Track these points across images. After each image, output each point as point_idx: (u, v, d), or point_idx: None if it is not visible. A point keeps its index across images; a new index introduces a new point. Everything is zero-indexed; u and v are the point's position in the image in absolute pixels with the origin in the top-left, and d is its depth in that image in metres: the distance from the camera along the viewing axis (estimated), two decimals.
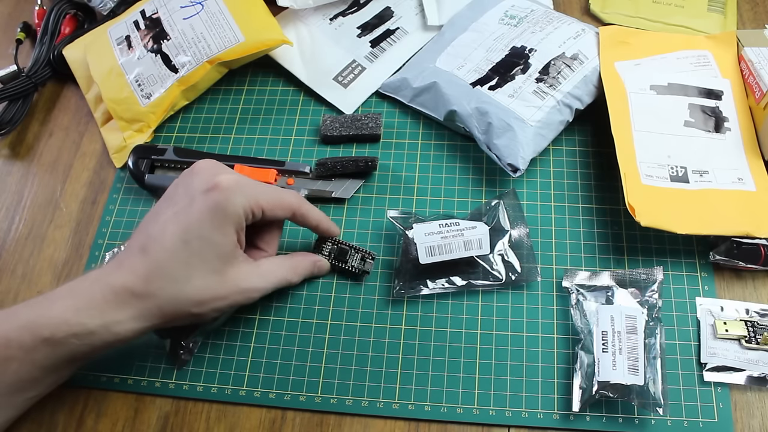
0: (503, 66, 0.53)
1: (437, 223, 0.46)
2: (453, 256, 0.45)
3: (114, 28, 0.58)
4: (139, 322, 0.39)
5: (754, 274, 0.47)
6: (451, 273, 0.47)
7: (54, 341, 0.37)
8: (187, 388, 0.46)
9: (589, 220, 0.49)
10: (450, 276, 0.47)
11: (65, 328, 0.37)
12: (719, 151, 0.49)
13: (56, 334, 0.37)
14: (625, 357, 0.41)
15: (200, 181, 0.40)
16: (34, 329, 0.37)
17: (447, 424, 0.43)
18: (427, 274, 0.47)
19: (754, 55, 0.51)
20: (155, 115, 0.56)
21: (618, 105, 0.50)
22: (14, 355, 0.37)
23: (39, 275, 0.52)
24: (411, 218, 0.48)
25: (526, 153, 0.49)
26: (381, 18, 0.61)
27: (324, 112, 0.57)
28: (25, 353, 0.37)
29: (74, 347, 0.38)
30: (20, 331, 0.37)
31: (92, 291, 0.38)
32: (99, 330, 0.38)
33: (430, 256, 0.45)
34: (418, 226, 0.46)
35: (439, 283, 0.46)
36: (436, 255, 0.45)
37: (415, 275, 0.47)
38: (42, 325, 0.37)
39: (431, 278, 0.47)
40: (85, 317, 0.37)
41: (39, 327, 0.37)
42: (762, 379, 0.42)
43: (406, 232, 0.47)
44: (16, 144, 0.59)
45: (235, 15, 0.56)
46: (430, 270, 0.46)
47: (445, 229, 0.46)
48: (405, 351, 0.46)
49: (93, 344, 0.38)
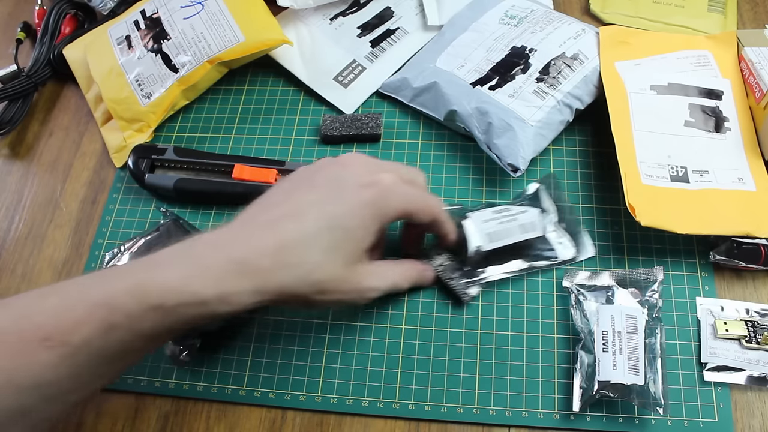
0: (503, 66, 0.53)
1: (490, 211, 0.47)
2: (511, 240, 0.46)
3: (114, 27, 0.58)
4: (255, 297, 0.36)
5: (754, 274, 0.47)
6: (511, 258, 0.47)
7: (163, 309, 0.34)
8: (187, 387, 0.45)
9: (589, 219, 0.49)
10: (510, 260, 0.47)
11: (175, 295, 0.34)
12: (719, 151, 0.49)
13: (166, 302, 0.34)
14: (625, 357, 0.41)
15: (356, 174, 0.39)
16: (142, 295, 0.33)
17: (447, 423, 0.43)
18: (488, 261, 0.47)
19: (754, 55, 0.51)
20: (155, 115, 0.56)
21: (618, 105, 0.50)
22: (119, 323, 0.33)
23: (39, 275, 0.52)
24: (460, 208, 0.48)
25: (526, 153, 0.49)
26: (381, 18, 0.61)
27: (324, 112, 0.57)
28: (130, 321, 0.33)
29: (182, 317, 0.35)
30: (126, 297, 0.33)
31: (208, 259, 0.36)
32: (212, 300, 0.35)
33: (491, 243, 0.45)
34: (474, 214, 0.47)
35: (501, 268, 0.47)
36: (495, 241, 0.46)
37: (476, 263, 0.47)
38: (150, 291, 0.34)
39: (493, 264, 0.47)
40: (198, 286, 0.34)
41: (147, 293, 0.34)
42: (762, 379, 0.42)
43: (462, 222, 0.47)
44: (16, 144, 0.59)
45: (235, 15, 0.56)
46: (490, 257, 0.47)
47: (499, 215, 0.46)
48: (405, 351, 0.46)
49: (202, 315, 0.35)
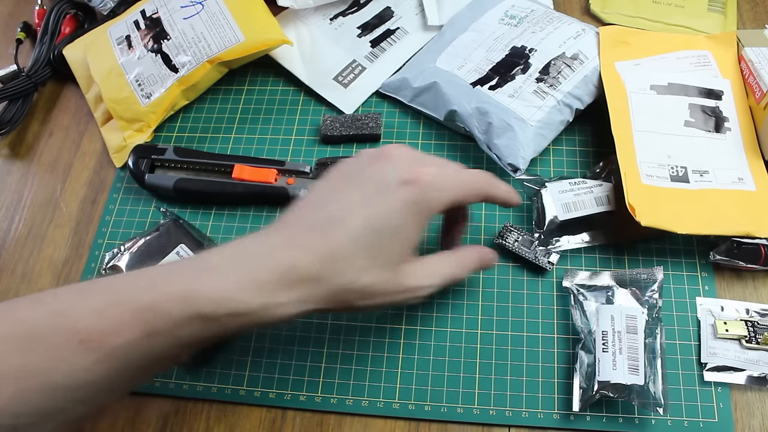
0: (503, 66, 0.53)
1: (567, 182, 0.48)
2: (587, 211, 0.46)
3: (114, 27, 0.58)
4: (302, 306, 0.34)
5: (754, 274, 0.47)
6: (586, 229, 0.48)
7: (208, 318, 0.32)
8: (187, 387, 0.45)
9: None
10: (586, 231, 0.48)
11: (223, 304, 0.32)
12: (719, 151, 0.49)
13: (212, 311, 0.32)
14: (625, 357, 0.41)
15: (397, 170, 0.37)
16: (187, 302, 0.32)
17: (447, 423, 0.43)
18: (562, 231, 0.47)
19: (754, 55, 0.51)
20: (155, 115, 0.56)
21: (618, 105, 0.50)
22: (162, 329, 0.31)
23: (39, 275, 0.52)
24: (538, 178, 0.49)
25: (526, 153, 0.49)
26: (381, 18, 0.61)
27: (324, 111, 0.57)
28: (173, 327, 0.32)
29: (224, 326, 0.33)
30: (172, 303, 0.32)
31: (256, 266, 0.34)
32: (258, 310, 0.33)
33: (568, 213, 0.46)
34: (552, 184, 0.47)
35: (574, 239, 0.48)
36: (572, 211, 0.46)
37: (550, 232, 0.47)
38: (197, 298, 0.32)
39: (567, 234, 0.47)
40: (246, 296, 0.33)
41: (193, 300, 0.32)
42: (762, 378, 0.42)
43: (540, 191, 0.47)
44: (16, 144, 0.59)
45: (235, 15, 0.56)
46: (565, 227, 0.47)
47: (576, 186, 0.47)
48: (405, 351, 0.46)
49: (245, 324, 0.33)
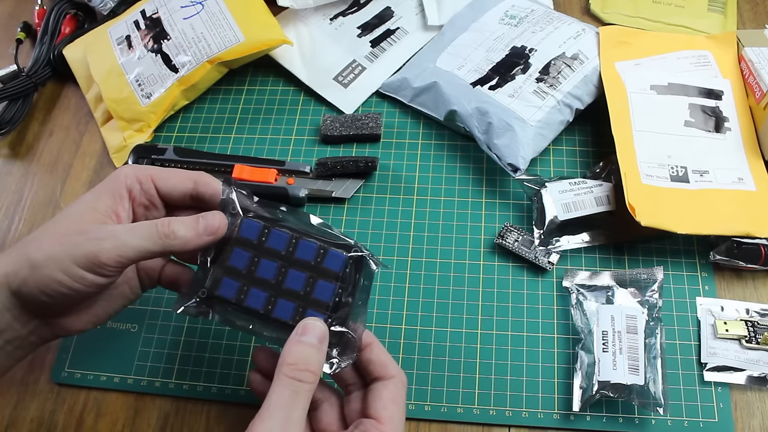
0: (503, 66, 0.53)
1: (567, 182, 0.47)
2: (587, 211, 0.46)
3: (114, 27, 0.58)
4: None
5: (754, 274, 0.47)
6: (586, 229, 0.48)
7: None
8: (187, 387, 0.45)
9: None
10: (585, 231, 0.48)
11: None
12: (719, 151, 0.49)
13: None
14: (625, 357, 0.41)
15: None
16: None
17: (447, 423, 0.43)
18: (561, 231, 0.47)
19: (754, 55, 0.51)
20: (155, 115, 0.56)
21: (618, 105, 0.50)
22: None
23: None
24: (538, 177, 0.49)
25: (526, 153, 0.49)
26: (381, 18, 0.61)
27: (324, 112, 0.57)
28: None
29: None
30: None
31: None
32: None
33: (568, 212, 0.46)
34: (552, 184, 0.47)
35: (574, 239, 0.47)
36: (572, 211, 0.46)
37: (550, 232, 0.47)
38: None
39: (566, 234, 0.47)
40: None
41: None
42: (762, 378, 0.42)
43: (540, 190, 0.47)
44: (16, 144, 0.59)
45: (235, 15, 0.56)
46: (564, 227, 0.47)
47: (576, 186, 0.47)
48: (406, 351, 0.46)
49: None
